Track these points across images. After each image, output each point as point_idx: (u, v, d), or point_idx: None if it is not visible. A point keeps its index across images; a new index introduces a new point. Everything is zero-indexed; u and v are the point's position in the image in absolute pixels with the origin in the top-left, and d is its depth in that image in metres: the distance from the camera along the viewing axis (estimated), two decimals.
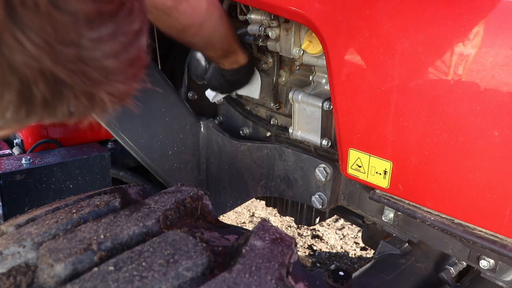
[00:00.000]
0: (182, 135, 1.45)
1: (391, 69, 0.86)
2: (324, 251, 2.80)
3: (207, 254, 0.63)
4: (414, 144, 0.88)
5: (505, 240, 0.83)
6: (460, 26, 0.76)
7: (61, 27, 0.38)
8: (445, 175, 0.85)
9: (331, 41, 0.95)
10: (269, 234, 0.71)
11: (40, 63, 0.38)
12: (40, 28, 0.36)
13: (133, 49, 0.46)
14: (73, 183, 1.29)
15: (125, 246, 0.66)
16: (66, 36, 0.38)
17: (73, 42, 0.39)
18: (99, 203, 0.76)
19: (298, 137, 1.21)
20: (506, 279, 1.04)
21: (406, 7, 0.82)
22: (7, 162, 1.22)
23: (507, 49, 0.72)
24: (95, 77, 0.42)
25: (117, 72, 0.45)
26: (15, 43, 0.36)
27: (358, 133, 0.98)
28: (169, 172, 1.45)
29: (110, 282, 0.56)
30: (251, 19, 1.21)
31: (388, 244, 1.35)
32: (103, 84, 0.44)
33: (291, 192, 1.35)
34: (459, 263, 1.33)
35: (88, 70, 0.41)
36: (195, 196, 0.80)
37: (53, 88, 0.40)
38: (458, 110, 0.80)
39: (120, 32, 0.43)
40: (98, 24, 0.41)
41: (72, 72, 0.40)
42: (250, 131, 1.54)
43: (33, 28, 0.36)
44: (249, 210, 3.21)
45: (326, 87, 1.18)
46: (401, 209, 0.97)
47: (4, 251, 0.64)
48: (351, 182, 1.24)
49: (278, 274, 0.62)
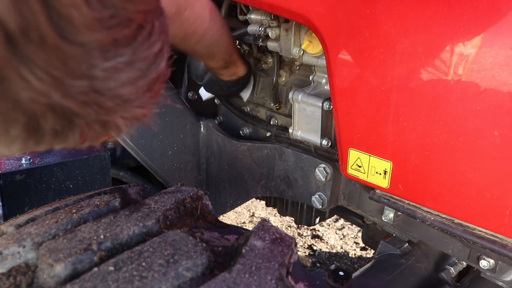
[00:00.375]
0: (182, 135, 1.45)
1: (391, 69, 0.86)
2: (324, 251, 2.80)
3: (207, 254, 0.63)
4: (414, 144, 0.88)
5: (505, 240, 0.83)
6: (460, 26, 0.76)
7: (71, 61, 0.34)
8: (445, 175, 0.85)
9: (331, 41, 0.95)
10: (269, 234, 0.71)
11: (48, 98, 0.35)
12: (47, 63, 0.33)
13: (151, 74, 0.42)
14: (73, 183, 1.29)
15: (125, 246, 0.66)
16: (77, 69, 0.35)
17: (84, 74, 0.36)
18: (99, 203, 0.76)
19: (298, 137, 1.21)
20: (506, 279, 1.04)
21: (406, 7, 0.82)
22: (7, 162, 1.21)
23: (507, 49, 0.72)
24: (109, 106, 0.39)
25: (134, 99, 0.41)
26: (20, 80, 0.33)
27: (358, 133, 0.98)
28: (169, 172, 1.45)
29: (110, 282, 0.56)
30: (251, 19, 1.21)
31: (388, 244, 1.35)
32: (119, 111, 0.41)
33: (291, 192, 1.35)
34: (459, 263, 1.33)
35: (101, 100, 0.38)
36: (195, 196, 0.80)
37: (63, 120, 0.37)
38: (458, 110, 0.80)
39: (137, 59, 0.39)
40: (113, 53, 0.37)
41: (84, 104, 0.37)
42: (250, 131, 1.54)
43: (39, 63, 0.33)
44: (249, 210, 3.21)
45: (326, 87, 1.18)
46: (401, 209, 0.97)
47: (4, 251, 0.64)
48: (351, 182, 1.24)
49: (278, 274, 0.62)
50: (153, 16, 0.41)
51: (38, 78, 0.33)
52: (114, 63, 0.37)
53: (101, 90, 0.38)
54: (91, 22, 0.34)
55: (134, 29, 0.38)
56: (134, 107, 0.42)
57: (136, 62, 0.39)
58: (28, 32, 0.31)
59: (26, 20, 0.31)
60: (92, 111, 0.38)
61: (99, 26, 0.35)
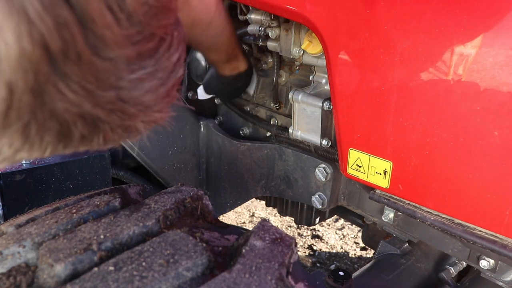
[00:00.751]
0: (182, 135, 1.45)
1: (391, 69, 0.86)
2: (324, 251, 2.80)
3: (207, 254, 0.63)
4: (414, 144, 0.88)
5: (505, 240, 0.83)
6: (460, 26, 0.76)
7: (101, 74, 0.37)
8: (445, 175, 0.85)
9: (331, 41, 0.95)
10: (269, 234, 0.71)
11: (80, 108, 0.38)
12: (81, 78, 0.36)
13: (170, 81, 0.45)
14: (73, 183, 1.29)
15: (125, 246, 0.66)
16: (107, 81, 0.38)
17: (113, 86, 0.39)
18: (99, 203, 0.76)
19: (298, 137, 1.21)
20: (506, 279, 1.04)
21: (406, 7, 0.82)
22: None
23: (507, 49, 0.72)
24: (133, 112, 0.42)
25: (154, 105, 0.44)
26: (57, 93, 0.36)
27: (358, 133, 0.98)
28: (169, 172, 1.45)
29: (110, 282, 0.56)
30: (251, 19, 1.21)
31: (388, 244, 1.35)
32: (140, 116, 0.44)
33: (291, 192, 1.35)
34: (459, 263, 1.33)
35: (126, 107, 0.41)
36: (195, 196, 0.80)
37: (91, 126, 0.41)
38: (458, 110, 0.80)
39: (159, 69, 0.42)
40: (138, 65, 0.40)
41: (110, 111, 0.40)
42: (250, 131, 1.54)
43: (74, 78, 0.36)
44: (249, 210, 3.21)
45: (326, 87, 1.18)
46: (401, 209, 0.97)
47: (4, 251, 0.64)
48: (351, 182, 1.24)
49: (278, 274, 0.62)
50: (172, 28, 0.44)
51: (73, 91, 0.36)
52: (139, 74, 0.40)
53: (126, 99, 0.41)
54: (120, 39, 0.37)
55: (157, 42, 0.41)
56: (153, 112, 0.45)
57: (158, 72, 0.42)
58: (67, 52, 0.34)
59: (67, 41, 0.34)
60: (117, 118, 0.41)
61: (127, 42, 0.38)
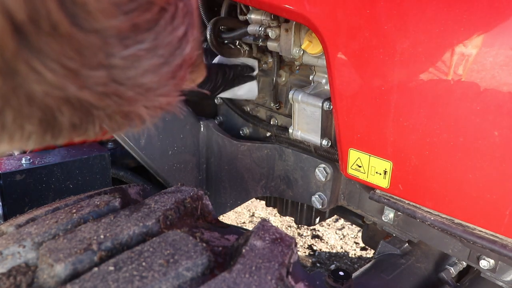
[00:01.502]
0: (182, 135, 1.45)
1: (391, 69, 0.86)
2: (324, 251, 2.80)
3: (207, 254, 0.63)
4: (414, 144, 0.88)
5: (505, 240, 0.83)
6: (460, 26, 0.76)
7: (86, 50, 0.32)
8: (445, 175, 0.85)
9: (331, 41, 0.95)
10: (269, 234, 0.71)
11: (63, 91, 0.32)
12: (60, 54, 0.31)
13: (175, 60, 0.39)
14: (73, 183, 1.29)
15: (125, 246, 0.66)
16: (94, 59, 0.32)
17: (102, 64, 0.33)
18: (99, 203, 0.76)
19: (298, 137, 1.21)
20: (506, 279, 1.04)
21: (406, 7, 0.82)
22: (7, 162, 1.21)
23: (507, 49, 0.72)
24: (131, 96, 0.36)
25: (157, 87, 0.38)
26: (31, 73, 0.30)
27: (358, 133, 0.98)
28: (169, 172, 1.45)
29: (110, 282, 0.56)
30: (251, 19, 1.21)
31: (388, 244, 1.35)
32: (141, 101, 0.38)
33: (291, 192, 1.35)
34: (459, 263, 1.33)
35: (122, 90, 0.35)
36: (195, 196, 0.80)
37: (81, 112, 0.35)
38: (458, 110, 0.80)
39: (160, 45, 0.36)
40: (133, 40, 0.34)
41: (103, 95, 0.35)
42: (250, 131, 1.54)
43: (51, 54, 0.30)
44: (249, 210, 3.21)
45: (326, 87, 1.18)
46: (401, 209, 0.97)
47: (4, 251, 0.64)
48: (351, 182, 1.24)
49: (278, 274, 0.62)
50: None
51: (51, 70, 0.31)
52: (134, 50, 0.34)
53: (121, 79, 0.35)
54: (107, 7, 0.31)
55: (156, 13, 0.35)
56: (157, 95, 0.39)
57: (159, 48, 0.36)
58: (38, 21, 0.29)
59: (36, 7, 0.29)
60: (112, 102, 0.36)
61: (116, 11, 0.32)
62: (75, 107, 0.34)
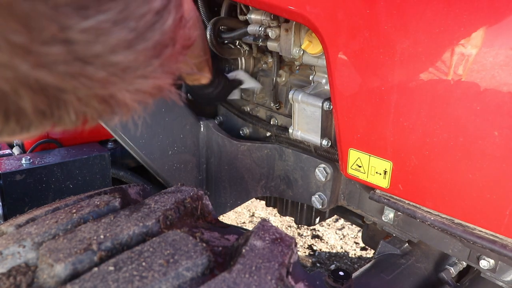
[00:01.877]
0: (182, 135, 1.45)
1: (391, 69, 0.86)
2: (324, 251, 2.80)
3: (207, 254, 0.63)
4: (414, 144, 0.88)
5: (505, 240, 0.83)
6: (460, 26, 0.76)
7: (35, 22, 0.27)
8: (445, 175, 0.85)
9: (331, 41, 0.95)
10: (269, 234, 0.71)
11: (14, 71, 0.28)
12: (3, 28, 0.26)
13: (154, 35, 0.34)
14: (73, 183, 1.29)
15: (125, 246, 0.66)
16: (46, 32, 0.28)
17: (57, 38, 0.28)
18: (99, 203, 0.76)
19: (298, 137, 1.21)
20: (506, 279, 1.04)
21: (406, 7, 0.82)
22: (7, 162, 1.22)
23: (507, 49, 0.72)
24: (103, 77, 0.32)
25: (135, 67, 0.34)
26: None
27: (358, 133, 0.98)
28: (169, 172, 1.45)
29: (110, 282, 0.56)
30: (251, 19, 1.21)
31: (388, 244, 1.35)
32: (119, 83, 0.34)
33: (291, 192, 1.35)
34: (459, 263, 1.33)
35: (90, 70, 0.31)
36: (195, 196, 0.80)
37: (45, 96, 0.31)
38: (458, 110, 0.80)
39: (130, 17, 0.32)
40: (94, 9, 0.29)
41: (65, 75, 0.30)
42: (250, 131, 1.54)
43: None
44: (249, 210, 3.21)
45: (326, 87, 1.18)
46: (401, 209, 0.97)
47: (4, 251, 0.64)
48: (351, 182, 1.24)
49: (278, 274, 0.62)
50: None
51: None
52: (95, 22, 0.30)
53: (86, 57, 0.30)
54: None
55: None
56: (138, 77, 0.35)
57: (128, 20, 0.32)
58: None
59: None
60: (80, 85, 0.31)
61: None
62: (34, 89, 0.30)
